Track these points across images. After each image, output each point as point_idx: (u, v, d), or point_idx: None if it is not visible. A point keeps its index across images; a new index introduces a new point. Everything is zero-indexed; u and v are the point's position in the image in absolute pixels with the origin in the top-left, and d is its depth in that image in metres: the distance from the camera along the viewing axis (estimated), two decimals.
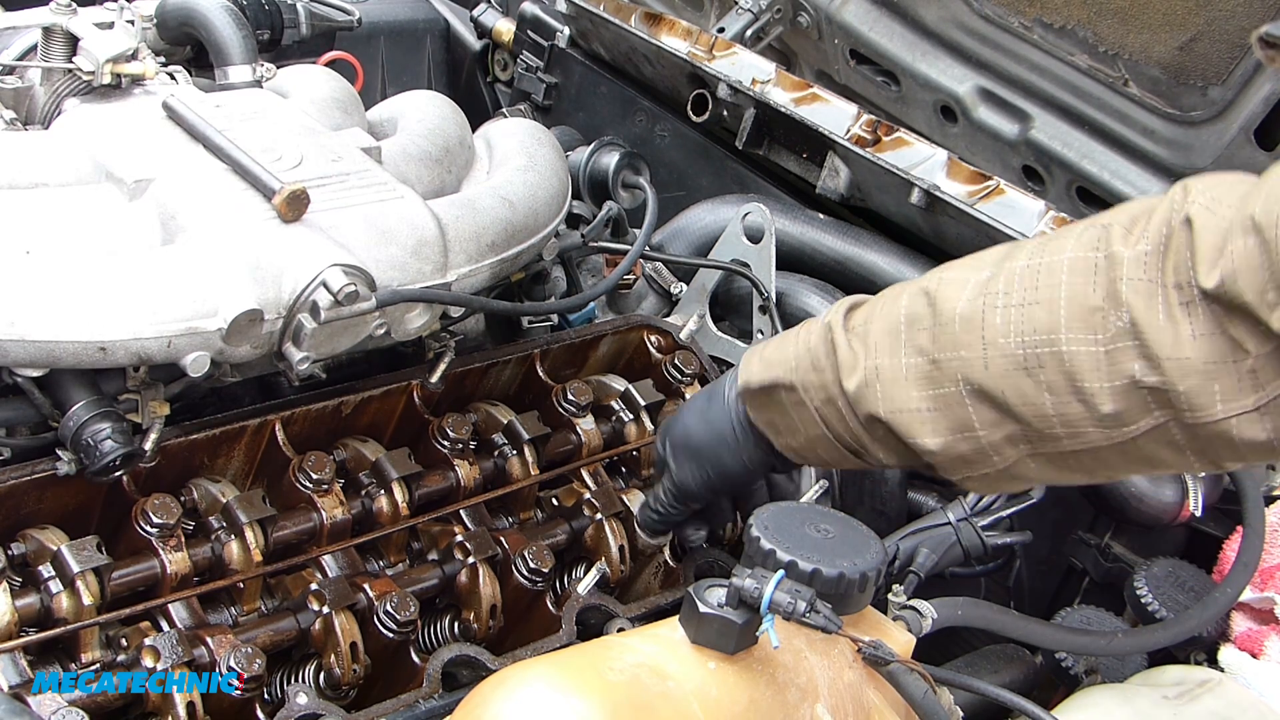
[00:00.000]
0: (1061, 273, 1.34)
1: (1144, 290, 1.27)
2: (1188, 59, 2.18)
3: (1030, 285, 1.36)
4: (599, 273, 2.39)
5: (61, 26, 2.06)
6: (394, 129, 2.09)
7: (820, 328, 1.53)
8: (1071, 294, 1.32)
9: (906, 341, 1.44)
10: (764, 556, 1.34)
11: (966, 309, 1.39)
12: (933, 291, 1.44)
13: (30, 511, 1.59)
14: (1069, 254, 1.34)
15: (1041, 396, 1.34)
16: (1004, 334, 1.36)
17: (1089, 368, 1.30)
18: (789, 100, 2.47)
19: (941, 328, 1.41)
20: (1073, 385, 1.31)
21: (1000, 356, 1.36)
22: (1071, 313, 1.31)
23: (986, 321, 1.37)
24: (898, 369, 1.44)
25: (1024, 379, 1.34)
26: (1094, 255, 1.32)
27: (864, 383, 1.46)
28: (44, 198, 1.69)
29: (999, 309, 1.37)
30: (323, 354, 1.67)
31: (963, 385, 1.39)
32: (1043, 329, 1.33)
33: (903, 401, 1.43)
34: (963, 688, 1.43)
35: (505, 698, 1.18)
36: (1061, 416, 1.34)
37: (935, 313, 1.42)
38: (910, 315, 1.44)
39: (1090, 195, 2.44)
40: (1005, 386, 1.36)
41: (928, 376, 1.41)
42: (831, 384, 1.49)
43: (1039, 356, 1.33)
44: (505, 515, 1.91)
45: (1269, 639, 1.89)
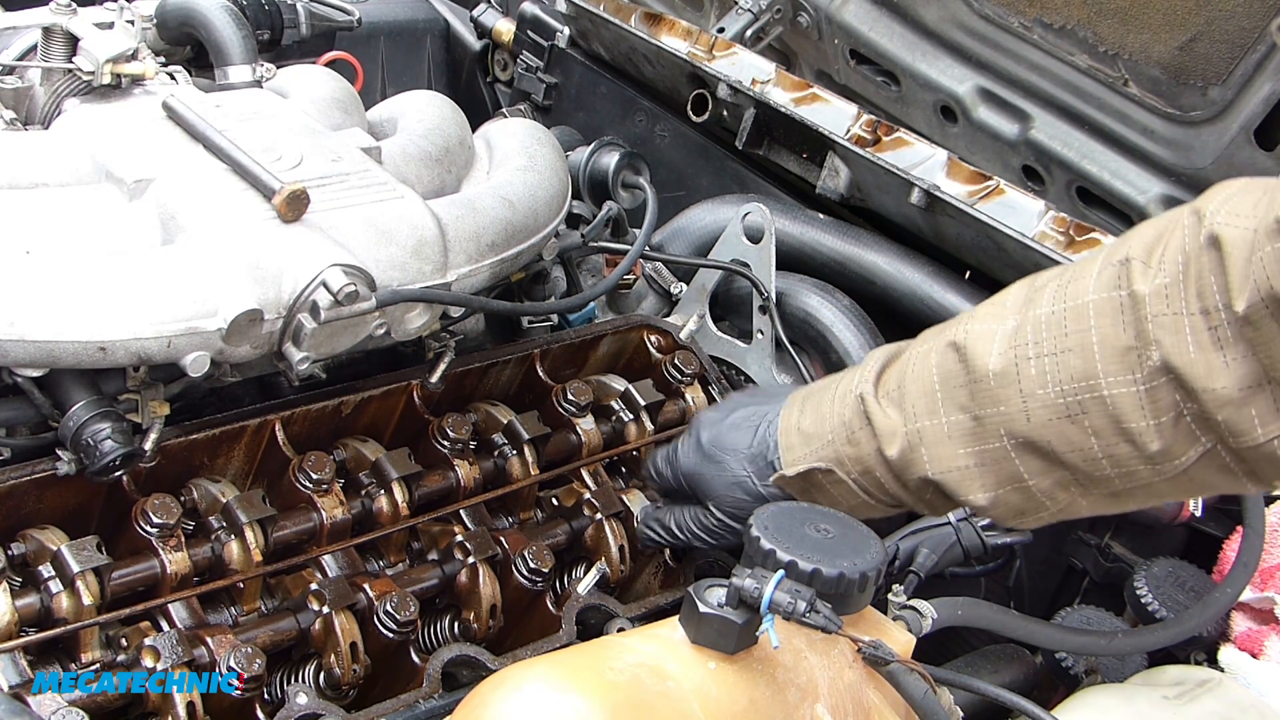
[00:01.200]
0: (1089, 316, 1.34)
1: (1170, 325, 1.27)
2: (1188, 59, 2.18)
3: (1059, 332, 1.36)
4: (599, 273, 2.39)
5: (61, 26, 2.06)
6: (394, 129, 2.09)
7: (853, 399, 1.52)
8: (1103, 337, 1.32)
9: (944, 400, 1.44)
10: (764, 556, 1.34)
11: (999, 364, 1.39)
12: (961, 345, 1.43)
13: (30, 511, 1.59)
14: (1092, 296, 1.34)
15: (1088, 441, 1.34)
16: (1041, 385, 1.36)
17: (1132, 407, 1.30)
18: (789, 100, 2.47)
19: (977, 384, 1.41)
20: (1118, 427, 1.32)
21: (1041, 407, 1.36)
22: (1106, 355, 1.31)
23: (1022, 373, 1.37)
24: (940, 429, 1.44)
25: (1068, 426, 1.35)
26: (1118, 295, 1.32)
27: (908, 447, 1.46)
28: (44, 198, 1.69)
29: (1032, 360, 1.37)
30: (323, 354, 1.67)
31: (1007, 440, 1.39)
32: (1080, 375, 1.33)
33: (950, 461, 1.44)
34: (963, 688, 1.43)
35: (505, 698, 1.18)
36: (1111, 458, 1.34)
37: (968, 369, 1.42)
38: (944, 374, 1.44)
39: (1090, 195, 2.44)
40: (1050, 435, 1.36)
41: (971, 433, 1.42)
42: (869, 455, 1.50)
43: (1081, 403, 1.33)
44: (505, 515, 1.91)
45: (1269, 639, 1.89)
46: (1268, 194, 1.24)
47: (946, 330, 1.48)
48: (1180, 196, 2.29)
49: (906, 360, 1.51)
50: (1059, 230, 2.11)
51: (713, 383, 2.11)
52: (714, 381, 2.12)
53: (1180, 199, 2.29)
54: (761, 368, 2.25)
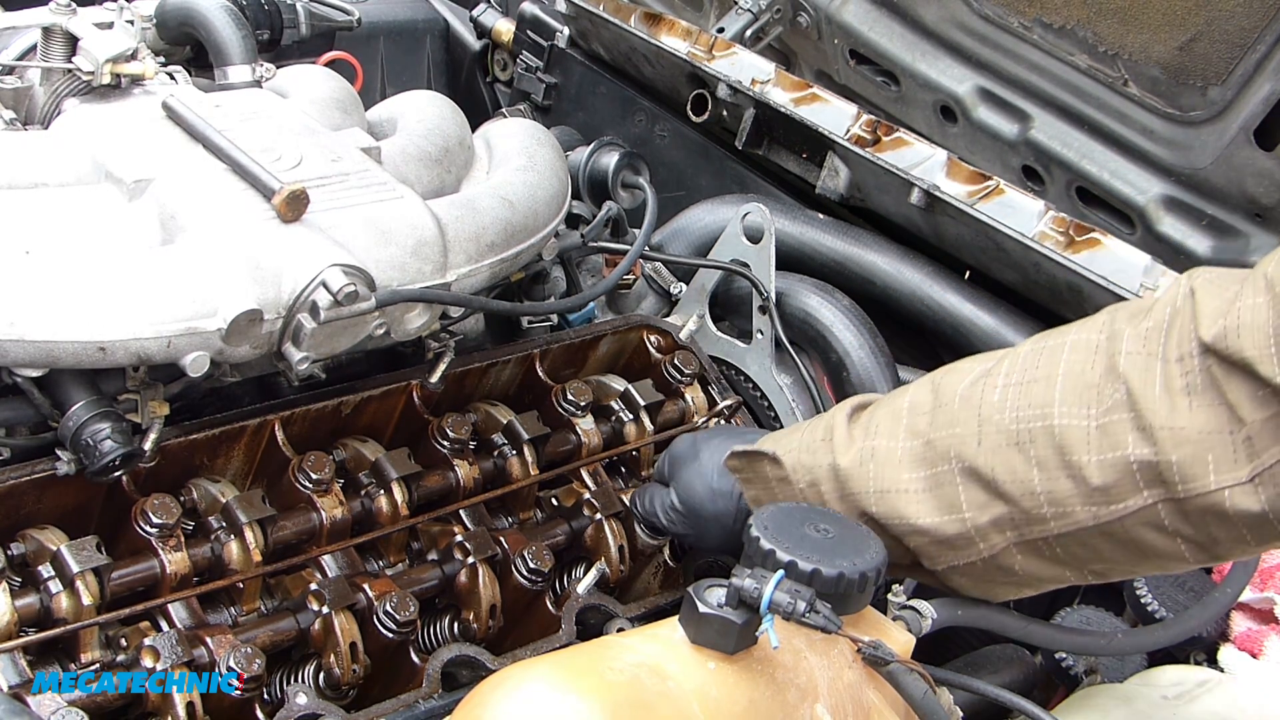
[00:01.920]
0: (1063, 351, 1.35)
1: (1141, 363, 1.28)
2: (1188, 59, 2.18)
3: (1032, 365, 1.37)
4: (599, 273, 2.39)
5: (61, 26, 2.06)
6: (394, 129, 2.09)
7: (826, 417, 1.56)
8: (1069, 369, 1.33)
9: (906, 426, 1.46)
10: (764, 556, 1.34)
11: (967, 390, 1.42)
12: (938, 382, 1.47)
13: (30, 511, 1.59)
14: (1073, 335, 1.36)
15: (1030, 472, 1.34)
16: (999, 410, 1.37)
17: (1079, 441, 1.30)
18: (789, 100, 2.46)
19: (940, 409, 1.43)
20: (1062, 459, 1.32)
21: (994, 432, 1.37)
22: (1067, 387, 1.32)
23: (984, 399, 1.39)
24: (893, 451, 1.46)
25: (1014, 454, 1.35)
26: (1097, 336, 1.34)
27: (857, 461, 1.48)
28: (44, 198, 1.69)
29: (999, 388, 1.39)
30: (322, 354, 1.67)
31: (955, 463, 1.40)
32: (1037, 404, 1.34)
33: (892, 481, 1.45)
34: (963, 688, 1.43)
35: (505, 698, 1.18)
36: (1049, 494, 1.33)
37: (937, 398, 1.45)
38: (913, 403, 1.47)
39: (1090, 195, 2.44)
40: (996, 463, 1.37)
41: (920, 457, 1.43)
42: (822, 466, 1.51)
43: (1030, 431, 1.34)
44: (505, 515, 1.91)
45: (1269, 639, 1.89)
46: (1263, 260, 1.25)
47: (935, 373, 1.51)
48: (1180, 197, 2.29)
49: (888, 397, 1.54)
50: (1059, 230, 2.11)
51: (712, 383, 2.11)
52: (713, 381, 2.12)
53: (1180, 199, 2.29)
54: (761, 368, 2.25)
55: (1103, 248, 2.06)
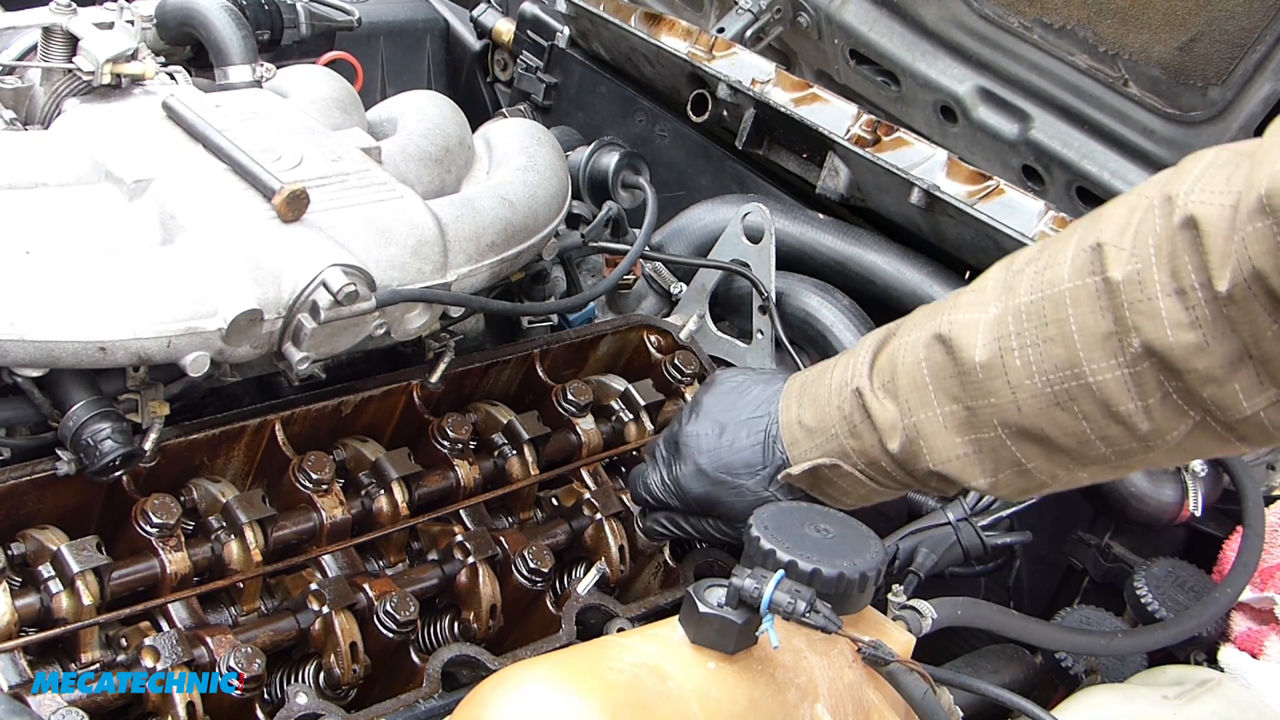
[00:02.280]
0: (1066, 304, 1.35)
1: (1147, 310, 1.28)
2: (1188, 59, 2.18)
3: (1039, 322, 1.37)
4: (599, 273, 2.39)
5: (61, 26, 2.06)
6: (394, 129, 2.09)
7: (850, 394, 1.54)
8: (1082, 325, 1.33)
9: (936, 391, 1.45)
10: (764, 556, 1.34)
11: (984, 356, 1.41)
12: (947, 337, 1.44)
13: (30, 511, 1.59)
14: (1067, 284, 1.35)
15: (1080, 425, 1.36)
16: (1028, 375, 1.37)
17: (1119, 391, 1.32)
18: (789, 100, 2.46)
19: (966, 375, 1.42)
20: (1108, 411, 1.33)
21: (1030, 397, 1.38)
22: (1088, 343, 1.33)
23: (1008, 365, 1.39)
24: (936, 421, 1.46)
25: (1059, 413, 1.36)
26: (1092, 280, 1.33)
27: (906, 441, 1.48)
28: (44, 198, 1.69)
29: (1015, 350, 1.38)
30: (322, 354, 1.67)
31: (1001, 429, 1.42)
32: (1064, 364, 1.35)
33: (949, 451, 1.46)
34: (963, 688, 1.43)
35: (505, 698, 1.18)
36: (1104, 439, 1.36)
37: (956, 361, 1.43)
38: (933, 366, 1.46)
39: (1090, 195, 2.43)
40: (1043, 423, 1.38)
41: (966, 423, 1.44)
42: (873, 448, 1.52)
43: (1069, 391, 1.35)
44: (505, 515, 1.91)
45: (1269, 639, 1.89)
46: (1240, 167, 1.24)
47: (934, 319, 1.48)
48: None
49: (896, 349, 1.52)
50: (1059, 230, 2.11)
51: None
52: None
53: None
54: (762, 368, 2.25)
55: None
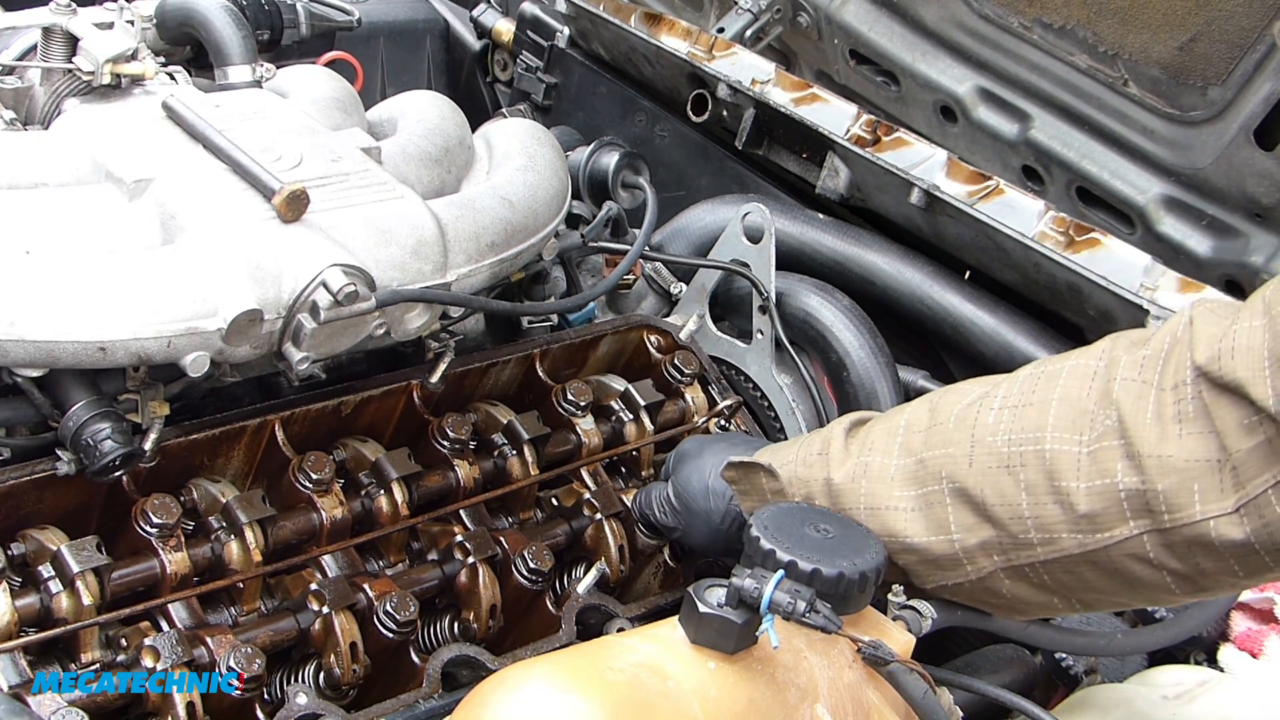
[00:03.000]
0: (1060, 376, 1.36)
1: (1135, 390, 1.28)
2: (1188, 59, 2.18)
3: (1029, 389, 1.38)
4: (599, 273, 2.39)
5: (61, 26, 2.06)
6: (394, 129, 2.09)
7: (824, 432, 1.57)
8: (1065, 395, 1.33)
9: (901, 444, 1.47)
10: (764, 556, 1.34)
11: (962, 410, 1.43)
12: (936, 402, 1.47)
13: (30, 511, 1.59)
14: (1070, 362, 1.37)
15: (1019, 496, 1.35)
16: (993, 432, 1.38)
17: (1069, 467, 1.30)
18: (789, 100, 2.47)
19: (935, 428, 1.44)
20: (1051, 484, 1.32)
21: (985, 454, 1.38)
22: (1061, 413, 1.33)
23: (979, 421, 1.40)
24: (886, 468, 1.47)
25: (1004, 477, 1.36)
26: (1095, 363, 1.34)
27: (850, 478, 1.49)
28: (44, 198, 1.69)
29: (994, 410, 1.39)
30: (322, 354, 1.67)
31: (945, 483, 1.41)
32: (1030, 428, 1.35)
33: (884, 498, 1.46)
34: (963, 688, 1.43)
35: (505, 698, 1.18)
36: (1036, 519, 1.34)
37: (933, 416, 1.46)
38: (909, 421, 1.48)
39: (1090, 195, 2.44)
40: (985, 484, 1.37)
41: (913, 475, 1.44)
42: (817, 480, 1.53)
43: (1021, 455, 1.34)
44: (505, 515, 1.91)
45: (1269, 639, 1.89)
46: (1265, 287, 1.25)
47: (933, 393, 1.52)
48: (1180, 197, 2.29)
49: (887, 414, 1.56)
50: (1059, 230, 2.11)
51: (712, 383, 2.11)
52: (714, 381, 2.12)
53: (1180, 199, 2.29)
54: (761, 368, 2.25)
55: (1103, 248, 2.06)
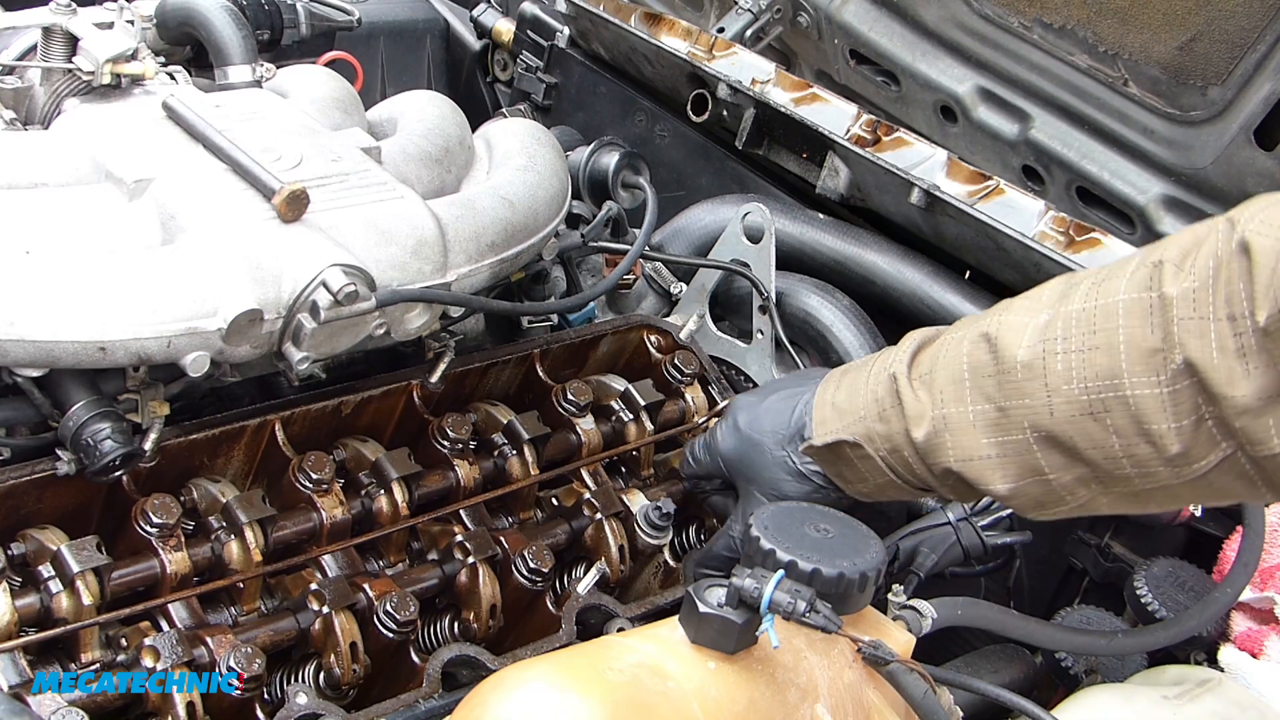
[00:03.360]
0: (1118, 315, 1.34)
1: (1195, 329, 1.27)
2: (1188, 59, 2.18)
3: (1088, 329, 1.36)
4: (599, 273, 2.39)
5: (61, 26, 2.06)
6: (394, 129, 2.09)
7: (886, 378, 1.55)
8: (1130, 337, 1.33)
9: (972, 389, 1.45)
10: (764, 556, 1.34)
11: (1027, 355, 1.41)
12: (993, 336, 1.45)
13: (30, 511, 1.59)
14: (1123, 295, 1.35)
15: (1109, 439, 1.35)
16: (1066, 380, 1.37)
17: (1154, 409, 1.31)
18: (789, 100, 2.47)
19: (1005, 375, 1.42)
20: (1140, 428, 1.32)
21: (1065, 403, 1.37)
22: (1132, 356, 1.32)
23: (1049, 368, 1.38)
24: (965, 417, 1.46)
25: (1090, 423, 1.36)
26: (1148, 295, 1.33)
27: (933, 432, 1.48)
28: (44, 198, 1.69)
29: (1059, 355, 1.38)
30: (322, 354, 1.67)
31: (1030, 432, 1.41)
32: (1105, 374, 1.34)
33: (972, 449, 1.45)
34: (963, 688, 1.43)
35: (505, 697, 1.18)
36: (1131, 458, 1.35)
37: (997, 360, 1.43)
38: (974, 363, 1.46)
39: (1090, 195, 2.44)
40: (1073, 431, 1.37)
41: (995, 424, 1.43)
42: (898, 434, 1.52)
43: (1104, 401, 1.34)
44: (505, 515, 1.91)
45: (1269, 639, 1.89)
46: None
47: (982, 320, 1.49)
48: (1180, 197, 2.29)
49: (941, 345, 1.53)
50: (1059, 230, 2.11)
51: (713, 383, 2.11)
52: (714, 381, 2.12)
53: (1180, 199, 2.29)
54: (761, 368, 2.25)
55: (1103, 247, 2.06)
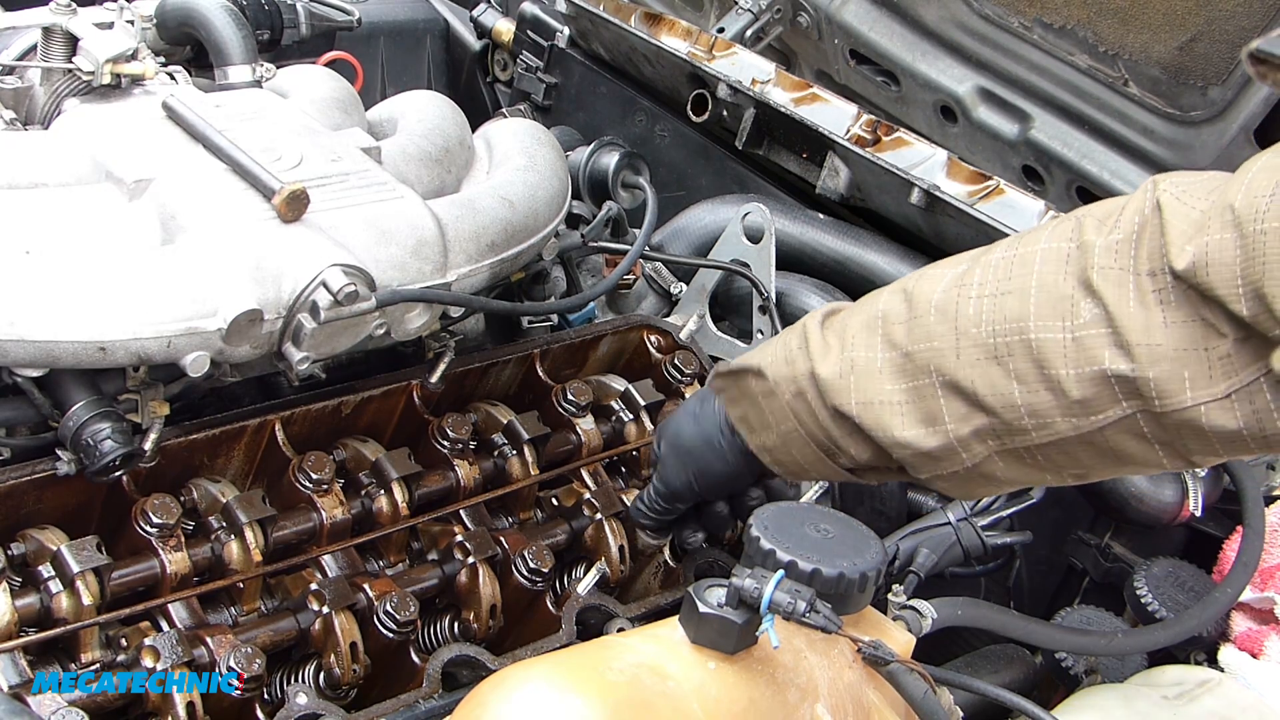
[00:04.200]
0: (1034, 262, 1.35)
1: (1115, 278, 1.28)
2: (1188, 59, 2.18)
3: (1004, 276, 1.37)
4: (599, 273, 2.39)
5: (61, 26, 2.06)
6: (394, 129, 2.09)
7: (798, 326, 1.55)
8: (1042, 282, 1.33)
9: (883, 336, 1.45)
10: (764, 556, 1.34)
11: (941, 299, 1.41)
12: (910, 289, 1.45)
13: (30, 511, 1.59)
14: (1042, 245, 1.35)
15: (1010, 385, 1.34)
16: (975, 323, 1.37)
17: (1057, 355, 1.30)
18: (789, 100, 2.47)
19: (916, 320, 1.42)
20: (1041, 373, 1.32)
21: (971, 346, 1.37)
22: (1041, 300, 1.32)
23: (960, 312, 1.38)
24: (872, 362, 1.45)
25: (993, 368, 1.35)
26: (1066, 245, 1.33)
27: (838, 374, 1.47)
28: (44, 198, 1.69)
29: (972, 299, 1.38)
30: (323, 354, 1.67)
31: (935, 376, 1.40)
32: (1013, 317, 1.34)
33: (875, 393, 1.44)
34: (963, 688, 1.43)
35: (505, 698, 1.18)
36: (1029, 406, 1.34)
37: (910, 307, 1.43)
38: (886, 311, 1.46)
39: (1090, 195, 2.44)
40: (975, 376, 1.36)
41: (900, 369, 1.42)
42: (803, 375, 1.50)
43: (1009, 345, 1.34)
44: (505, 515, 1.91)
45: (1269, 639, 1.89)
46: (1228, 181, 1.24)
47: (904, 279, 1.50)
48: None
49: (859, 302, 1.53)
50: None
51: None
52: None
53: None
54: None
55: None
